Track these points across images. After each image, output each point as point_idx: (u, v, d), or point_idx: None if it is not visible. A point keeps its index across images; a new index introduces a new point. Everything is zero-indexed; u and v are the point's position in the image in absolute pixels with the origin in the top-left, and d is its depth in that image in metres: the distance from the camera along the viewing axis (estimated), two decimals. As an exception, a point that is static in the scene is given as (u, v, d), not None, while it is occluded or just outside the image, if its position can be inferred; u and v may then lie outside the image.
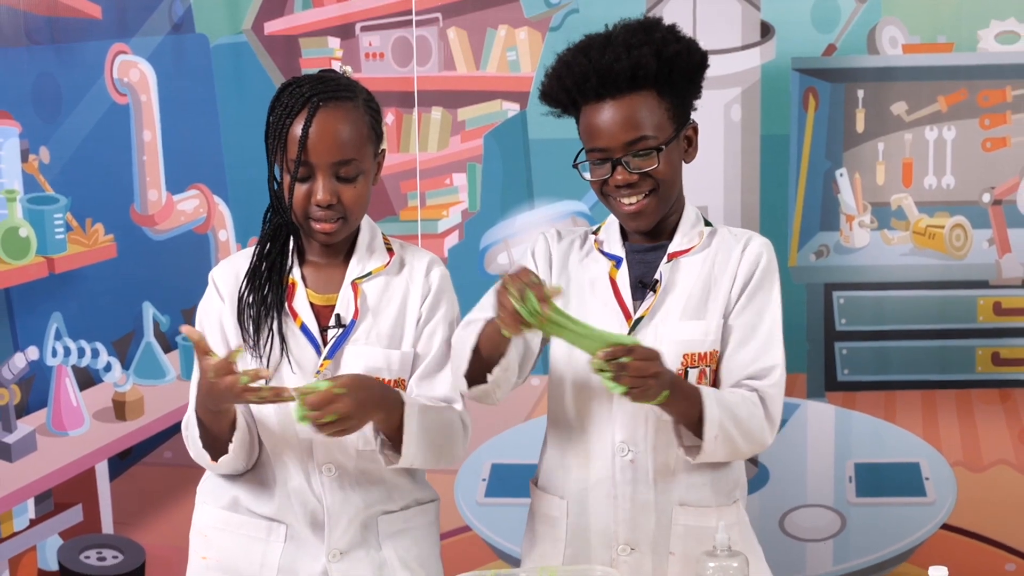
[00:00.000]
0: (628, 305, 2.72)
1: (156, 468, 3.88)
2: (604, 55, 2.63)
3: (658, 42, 2.65)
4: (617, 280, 2.75)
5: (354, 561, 2.72)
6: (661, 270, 2.74)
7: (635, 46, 2.63)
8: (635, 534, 2.74)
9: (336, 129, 2.60)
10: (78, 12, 3.70)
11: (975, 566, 3.78)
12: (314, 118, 2.58)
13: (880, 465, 3.80)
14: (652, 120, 2.66)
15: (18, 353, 3.80)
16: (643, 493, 2.72)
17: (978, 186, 3.68)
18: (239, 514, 2.74)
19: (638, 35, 2.66)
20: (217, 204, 3.78)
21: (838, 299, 3.73)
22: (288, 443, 2.66)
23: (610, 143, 2.65)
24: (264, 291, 2.67)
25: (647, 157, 2.66)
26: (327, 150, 2.59)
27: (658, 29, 2.69)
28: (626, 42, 2.64)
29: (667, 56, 2.65)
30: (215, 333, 2.71)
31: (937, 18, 3.63)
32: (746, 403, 2.65)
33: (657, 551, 2.74)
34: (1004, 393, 3.76)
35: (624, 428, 2.71)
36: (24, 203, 3.74)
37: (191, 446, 2.67)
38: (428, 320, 2.73)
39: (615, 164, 2.66)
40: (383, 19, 3.70)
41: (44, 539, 3.90)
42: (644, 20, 2.74)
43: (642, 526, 2.74)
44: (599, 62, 2.63)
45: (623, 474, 2.72)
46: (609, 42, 2.65)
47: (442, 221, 3.76)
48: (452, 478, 3.80)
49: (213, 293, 2.75)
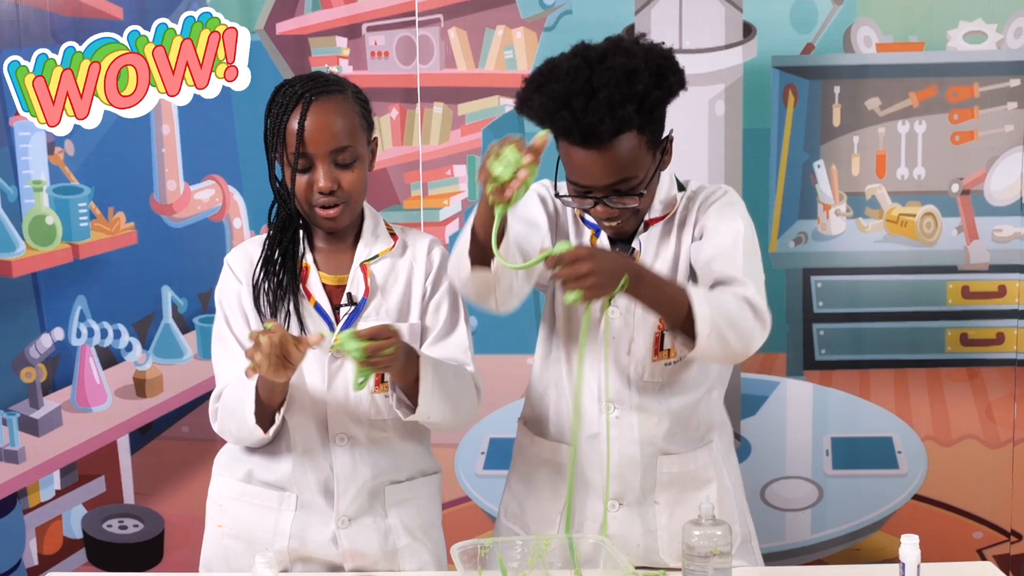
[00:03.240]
0: None
1: (174, 442, 3.87)
2: (587, 113, 2.46)
3: (641, 94, 2.49)
4: (597, 244, 2.73)
5: (361, 528, 2.74)
6: (639, 239, 2.72)
7: (618, 104, 2.47)
8: (623, 488, 2.77)
9: (330, 120, 2.63)
10: (101, 13, 3.68)
11: (945, 534, 3.82)
12: (308, 111, 2.61)
13: (855, 439, 3.83)
14: (634, 160, 2.55)
15: (45, 334, 3.82)
16: (629, 448, 2.75)
17: (947, 177, 3.71)
18: (253, 485, 2.76)
19: (620, 89, 2.47)
20: (232, 194, 3.78)
21: (816, 283, 3.76)
22: (306, 414, 2.69)
23: (592, 183, 2.57)
24: (280, 276, 2.70)
25: (629, 195, 2.58)
26: (323, 139, 2.62)
27: (639, 77, 2.49)
28: (609, 99, 2.46)
29: (649, 104, 2.51)
30: (236, 312, 2.73)
31: (909, 19, 3.65)
32: (737, 302, 2.54)
33: (643, 503, 2.77)
34: (972, 372, 3.80)
35: (612, 386, 2.73)
36: (50, 193, 3.75)
37: (233, 424, 2.67)
38: (433, 294, 2.76)
39: (597, 200, 2.59)
40: (388, 20, 3.70)
41: (69, 509, 3.91)
42: (627, 63, 2.50)
43: (629, 480, 2.76)
44: (583, 121, 2.47)
45: (612, 431, 2.73)
46: (592, 94, 2.48)
47: (443, 210, 3.78)
48: (453, 451, 3.82)
49: (230, 275, 2.76)
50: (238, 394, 2.64)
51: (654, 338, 2.71)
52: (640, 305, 2.56)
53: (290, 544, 2.73)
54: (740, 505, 2.88)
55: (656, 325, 2.70)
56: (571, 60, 2.53)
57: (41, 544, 3.91)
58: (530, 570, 2.49)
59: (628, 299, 2.51)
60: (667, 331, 2.64)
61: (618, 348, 2.72)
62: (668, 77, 2.54)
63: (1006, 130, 3.67)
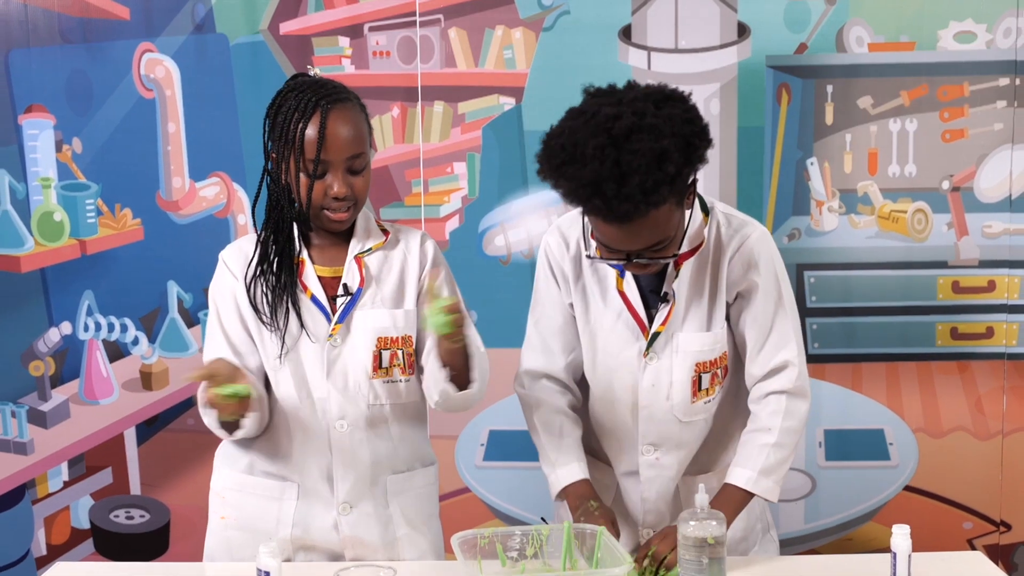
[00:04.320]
0: (642, 317, 2.69)
1: (180, 434, 3.88)
2: (621, 200, 2.34)
3: (672, 175, 2.36)
4: (626, 292, 2.69)
5: (362, 515, 2.75)
6: (672, 287, 2.66)
7: (651, 189, 2.34)
8: (657, 519, 2.79)
9: (347, 128, 2.63)
10: (108, 13, 3.70)
11: (935, 525, 3.82)
12: (328, 119, 2.60)
13: (847, 431, 3.84)
14: (668, 223, 2.47)
15: (53, 328, 3.83)
16: (666, 484, 2.77)
17: (938, 174, 3.72)
18: (255, 476, 2.77)
19: (652, 173, 2.33)
20: (236, 191, 3.79)
21: (809, 278, 3.76)
22: (303, 403, 2.70)
23: (626, 248, 2.49)
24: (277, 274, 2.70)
25: (663, 253, 2.52)
26: (342, 147, 2.62)
27: (670, 159, 2.35)
28: (642, 186, 2.33)
29: (681, 180, 2.41)
30: (229, 308, 2.73)
31: (900, 19, 3.66)
32: (782, 432, 2.67)
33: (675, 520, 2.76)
34: (962, 365, 3.80)
35: (653, 431, 2.74)
36: (58, 190, 3.76)
37: (207, 419, 2.68)
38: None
39: (629, 259, 2.51)
40: (389, 20, 3.70)
41: (76, 499, 3.93)
42: (655, 145, 2.34)
43: (663, 512, 2.79)
44: (617, 208, 2.36)
45: (649, 471, 2.76)
46: (623, 180, 2.33)
47: (444, 206, 3.78)
48: (453, 443, 3.84)
49: (225, 272, 2.76)
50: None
51: (692, 381, 2.71)
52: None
53: (293, 532, 2.74)
54: (761, 503, 2.86)
55: (693, 368, 2.69)
56: (595, 138, 2.37)
57: (49, 534, 3.92)
58: (529, 560, 2.50)
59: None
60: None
61: (656, 396, 2.72)
62: (697, 147, 2.43)
63: (995, 128, 3.68)
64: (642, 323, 2.68)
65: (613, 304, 2.71)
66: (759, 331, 2.69)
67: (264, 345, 2.72)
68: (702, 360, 2.69)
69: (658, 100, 2.43)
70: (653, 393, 2.71)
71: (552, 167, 2.43)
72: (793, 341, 2.70)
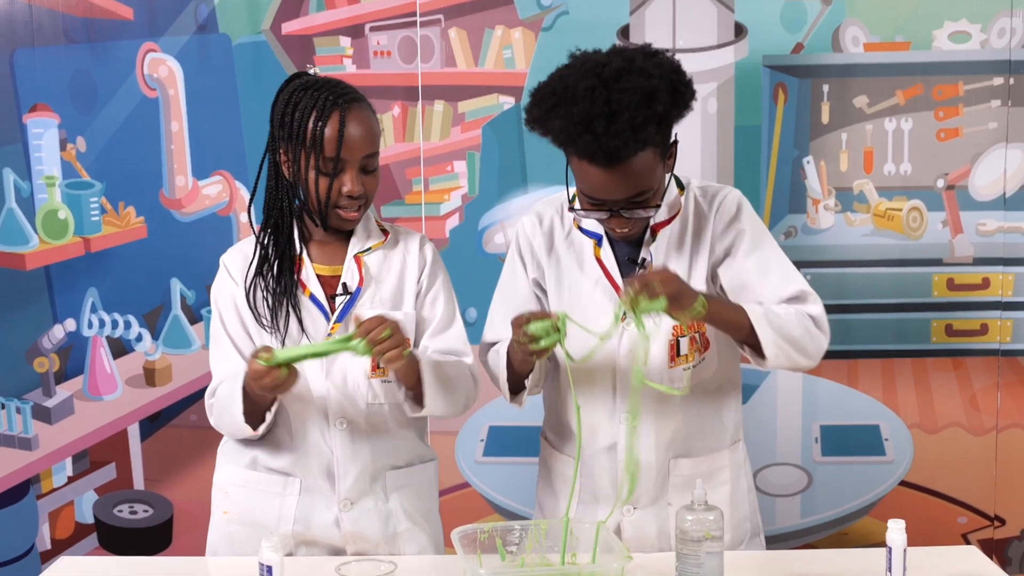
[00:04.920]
0: (619, 283, 2.69)
1: (183, 430, 3.89)
2: (610, 136, 2.42)
3: (661, 115, 2.44)
4: (603, 259, 2.71)
5: (363, 511, 2.75)
6: (649, 250, 2.70)
7: (640, 126, 2.42)
8: (637, 492, 2.75)
9: (364, 127, 2.63)
10: (112, 14, 3.70)
11: (930, 519, 3.83)
12: (347, 119, 2.61)
13: (843, 427, 3.84)
14: (650, 173, 2.52)
15: (57, 325, 3.83)
16: (645, 455, 2.74)
17: (933, 172, 3.72)
18: (257, 471, 2.77)
19: (641, 111, 2.42)
20: (238, 189, 3.79)
21: (805, 275, 3.65)
22: (306, 401, 2.69)
23: (608, 197, 2.54)
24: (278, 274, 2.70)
25: (644, 206, 2.57)
26: (360, 146, 2.62)
27: (658, 97, 2.45)
28: (631, 122, 2.41)
29: (668, 122, 2.50)
30: (231, 311, 2.73)
31: (896, 19, 3.67)
32: (799, 320, 2.60)
33: (657, 504, 2.76)
34: (956, 361, 3.81)
35: (625, 398, 2.72)
36: (62, 188, 3.77)
37: (225, 420, 2.68)
38: (429, 288, 2.77)
39: (612, 212, 2.57)
40: (390, 20, 3.71)
41: (81, 494, 3.93)
42: (645, 84, 2.44)
43: (643, 484, 2.75)
44: (606, 144, 2.43)
45: (626, 440, 2.72)
46: (612, 117, 2.42)
47: (444, 204, 3.78)
48: (453, 439, 3.84)
49: (226, 276, 2.76)
50: (228, 394, 2.66)
51: (669, 345, 2.70)
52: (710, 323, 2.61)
53: (295, 528, 2.73)
54: (752, 504, 2.87)
55: (670, 332, 2.69)
56: (585, 80, 2.45)
57: (54, 528, 3.93)
58: (528, 554, 2.50)
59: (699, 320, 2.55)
60: (739, 344, 2.66)
61: (634, 360, 2.69)
62: (683, 93, 2.51)
63: (990, 127, 3.68)
64: (619, 289, 2.67)
65: (591, 272, 2.72)
66: (761, 267, 2.68)
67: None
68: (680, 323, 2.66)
69: (646, 53, 2.53)
70: (630, 358, 2.69)
71: (543, 110, 2.50)
72: (798, 275, 2.71)
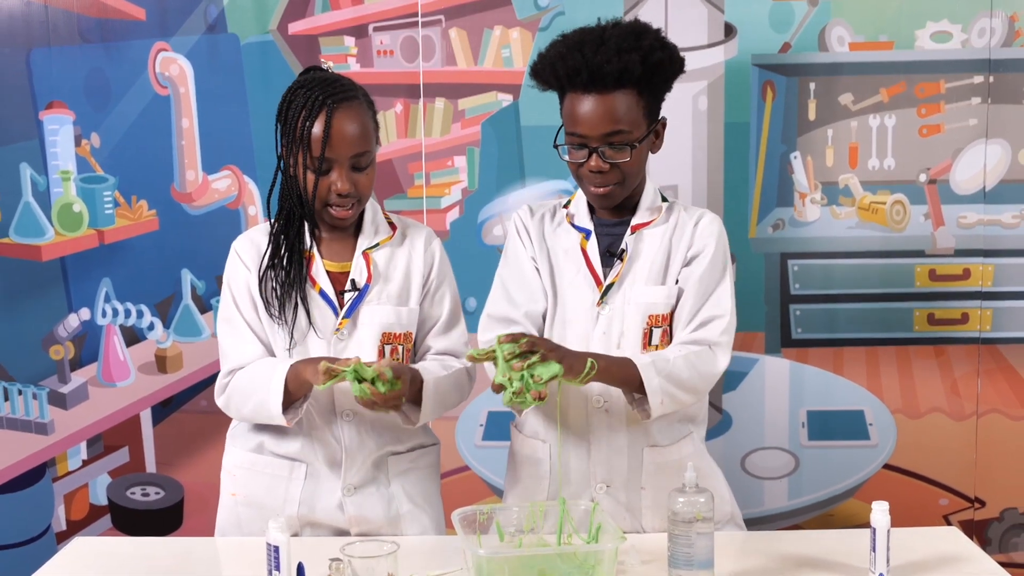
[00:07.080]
0: (599, 272, 2.74)
1: (193, 415, 3.89)
2: (597, 54, 2.59)
3: (646, 49, 2.61)
4: (587, 250, 2.76)
5: (366, 495, 2.77)
6: (627, 241, 2.76)
7: (625, 51, 2.59)
8: (610, 474, 2.77)
9: (351, 126, 2.64)
10: (125, 14, 3.70)
11: (913, 501, 3.83)
12: (332, 119, 2.61)
13: (829, 412, 3.84)
14: (630, 116, 2.64)
15: (72, 314, 3.84)
16: (617, 439, 2.76)
17: (915, 167, 3.72)
18: (264, 455, 2.78)
19: (629, 40, 2.62)
20: (247, 183, 3.79)
21: (792, 267, 3.77)
22: (315, 395, 2.70)
23: (589, 132, 2.64)
24: (287, 267, 2.71)
25: (621, 150, 2.66)
26: (345, 145, 2.63)
27: (647, 36, 2.65)
28: (618, 46, 2.60)
29: (652, 62, 2.62)
30: (244, 296, 2.74)
31: (880, 19, 3.67)
32: (687, 361, 2.64)
33: (630, 487, 2.77)
34: (938, 349, 3.81)
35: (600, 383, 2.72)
36: (77, 182, 3.77)
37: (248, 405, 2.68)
38: (438, 288, 2.80)
39: (591, 151, 2.66)
40: (393, 20, 3.70)
41: (95, 477, 3.93)
42: (636, 25, 2.69)
43: (616, 466, 2.77)
44: (592, 60, 2.59)
45: (599, 420, 2.75)
46: (602, 42, 2.61)
47: (444, 198, 3.78)
48: (453, 424, 3.84)
49: (238, 262, 2.77)
50: (260, 381, 2.65)
51: (643, 333, 2.73)
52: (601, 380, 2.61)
53: (300, 510, 2.75)
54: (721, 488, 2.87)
55: (645, 321, 2.72)
56: (583, 31, 2.69)
57: (69, 510, 3.93)
58: (526, 534, 2.51)
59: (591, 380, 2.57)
60: (628, 401, 2.69)
61: (608, 344, 2.73)
62: (670, 49, 2.69)
63: (970, 123, 3.68)
64: (597, 277, 2.74)
65: (575, 260, 2.77)
66: (702, 284, 2.73)
67: (274, 336, 2.73)
68: (655, 313, 2.72)
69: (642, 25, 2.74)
70: (604, 341, 2.72)
71: (542, 56, 2.71)
72: (729, 305, 2.74)
